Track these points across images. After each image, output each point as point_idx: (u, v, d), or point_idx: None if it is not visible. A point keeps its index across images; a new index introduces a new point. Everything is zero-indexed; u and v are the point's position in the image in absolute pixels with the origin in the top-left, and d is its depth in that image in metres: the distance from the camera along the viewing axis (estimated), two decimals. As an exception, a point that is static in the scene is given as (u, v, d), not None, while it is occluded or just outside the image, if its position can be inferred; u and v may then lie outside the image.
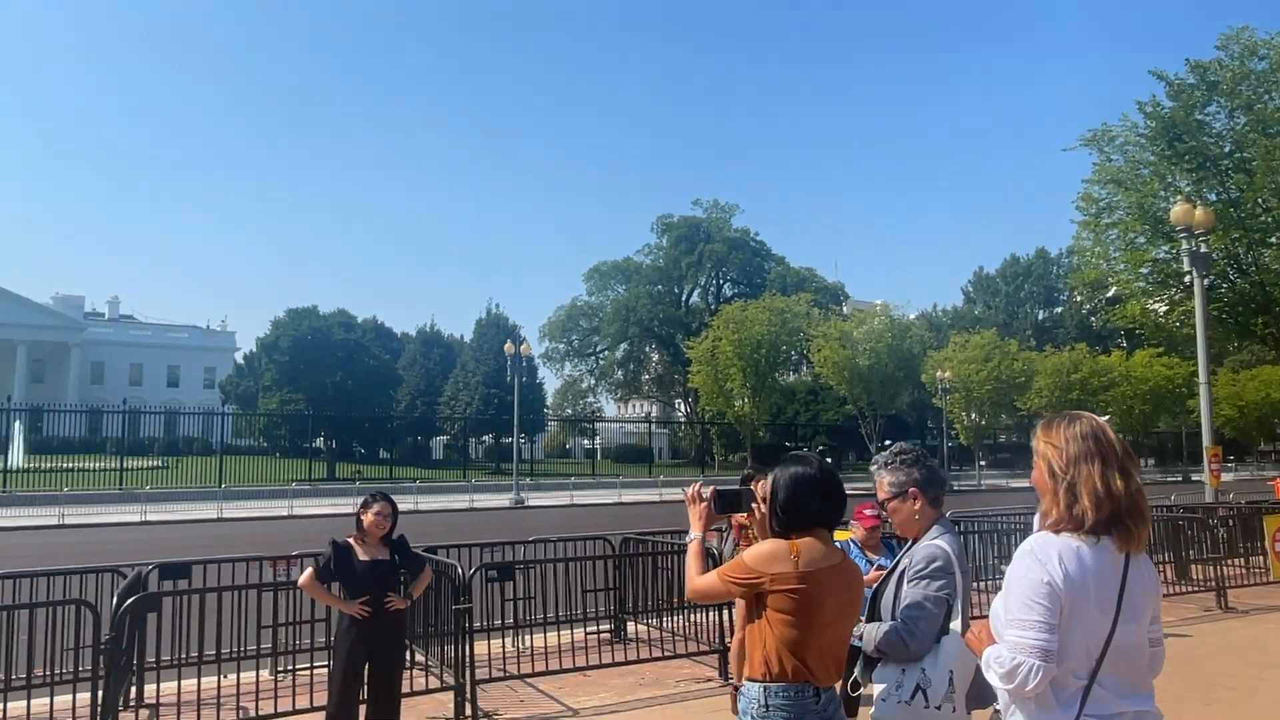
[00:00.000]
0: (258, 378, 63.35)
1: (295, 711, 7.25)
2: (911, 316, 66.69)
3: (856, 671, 3.68)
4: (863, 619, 3.54)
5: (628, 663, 9.09)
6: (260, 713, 7.22)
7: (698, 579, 3.21)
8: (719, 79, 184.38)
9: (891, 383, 57.27)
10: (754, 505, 3.44)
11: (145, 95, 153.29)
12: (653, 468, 62.58)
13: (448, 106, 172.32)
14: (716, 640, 9.31)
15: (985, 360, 58.68)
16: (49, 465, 46.00)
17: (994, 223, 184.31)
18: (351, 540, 6.08)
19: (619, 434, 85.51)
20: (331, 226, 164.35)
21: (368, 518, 6.08)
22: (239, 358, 78.35)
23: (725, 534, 7.98)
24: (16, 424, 51.94)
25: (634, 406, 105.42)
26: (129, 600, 6.82)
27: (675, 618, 10.30)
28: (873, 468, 3.78)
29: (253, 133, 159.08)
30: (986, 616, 2.70)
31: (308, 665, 8.36)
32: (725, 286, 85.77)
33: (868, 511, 6.57)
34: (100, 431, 57.71)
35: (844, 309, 77.59)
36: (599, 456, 70.45)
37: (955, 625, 3.47)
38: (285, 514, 33.33)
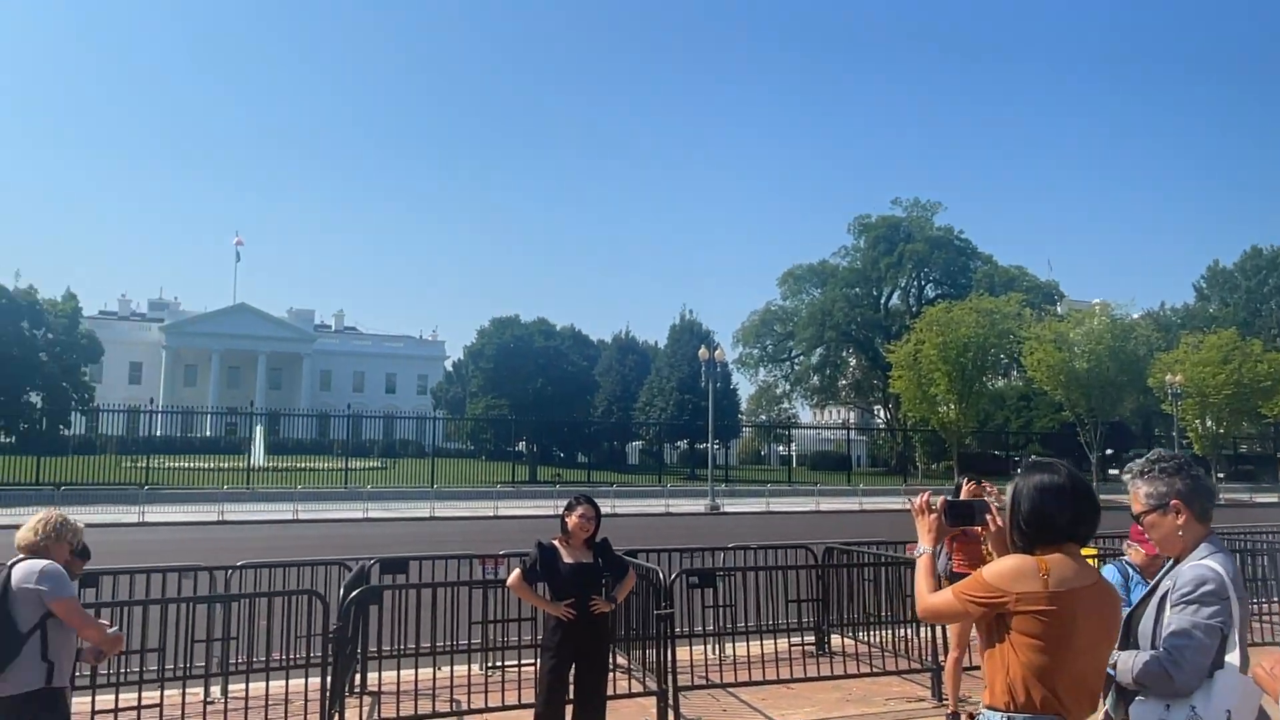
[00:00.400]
0: (465, 384, 66.84)
1: (504, 707, 7.43)
2: (1135, 316, 61.49)
3: (1108, 705, 3.29)
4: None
5: (833, 677, 8.76)
6: (471, 706, 7.46)
7: (930, 597, 2.95)
8: (918, 74, 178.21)
9: (1113, 388, 53.10)
10: (989, 517, 3.14)
11: (364, 124, 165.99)
12: (851, 476, 60.97)
13: (641, 114, 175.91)
14: (929, 658, 8.83)
15: (1224, 362, 53.39)
16: (284, 465, 50.43)
17: (1230, 211, 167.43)
18: (556, 542, 6.14)
19: (815, 441, 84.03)
20: (532, 238, 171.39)
21: (572, 520, 6.11)
22: (448, 365, 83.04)
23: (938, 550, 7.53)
24: (258, 427, 57.36)
25: (830, 413, 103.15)
26: (354, 592, 7.19)
27: (882, 632, 9.86)
28: (1126, 477, 3.37)
29: (459, 151, 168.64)
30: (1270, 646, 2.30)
31: (515, 663, 8.57)
32: (927, 288, 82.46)
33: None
34: (328, 434, 62.79)
35: (1059, 309, 72.77)
36: (794, 463, 69.45)
37: (1232, 658, 3.03)
38: (491, 514, 34.80)
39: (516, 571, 6.13)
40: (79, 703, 5.95)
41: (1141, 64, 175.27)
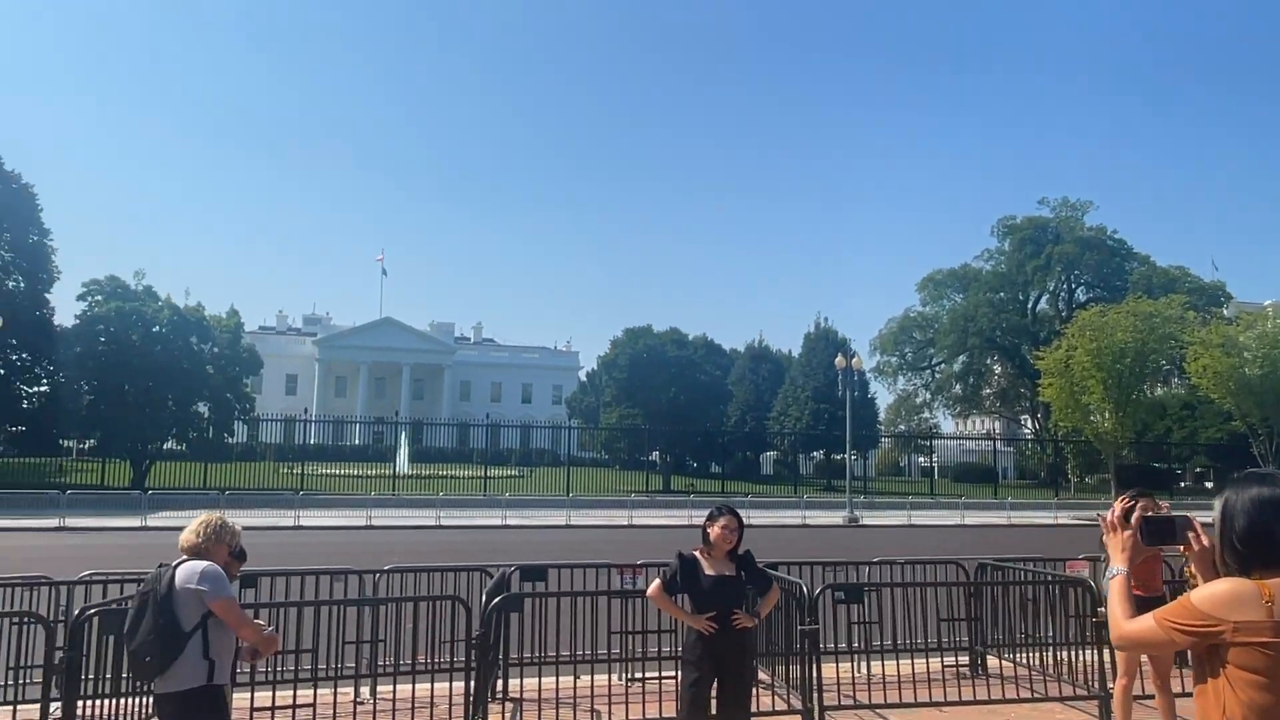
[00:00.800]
0: (599, 394, 67.65)
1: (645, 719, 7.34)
2: (1316, 317, 56.57)
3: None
4: None
5: (989, 701, 8.27)
6: (612, 717, 7.40)
7: (1128, 623, 2.62)
8: (1061, 68, 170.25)
9: (1293, 395, 48.93)
10: (1191, 535, 2.79)
11: (501, 139, 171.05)
12: (999, 489, 58.39)
13: (773, 120, 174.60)
14: (1095, 684, 8.22)
15: None
16: (427, 472, 52.25)
17: None
18: (698, 553, 5.98)
19: (957, 452, 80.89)
20: (663, 247, 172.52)
21: (714, 531, 5.94)
22: (582, 375, 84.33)
23: (1101, 563, 7.00)
24: (402, 436, 59.71)
25: (973, 423, 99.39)
26: (496, 599, 7.23)
27: (1042, 654, 9.27)
28: None
29: (592, 162, 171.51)
30: None
31: (656, 675, 8.46)
32: (1078, 291, 78.41)
33: None
34: (467, 443, 64.74)
35: (1225, 311, 67.79)
36: (936, 475, 67.11)
37: None
38: (625, 523, 34.97)
39: (656, 582, 5.99)
40: (238, 699, 6.18)
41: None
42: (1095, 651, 8.21)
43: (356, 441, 68.67)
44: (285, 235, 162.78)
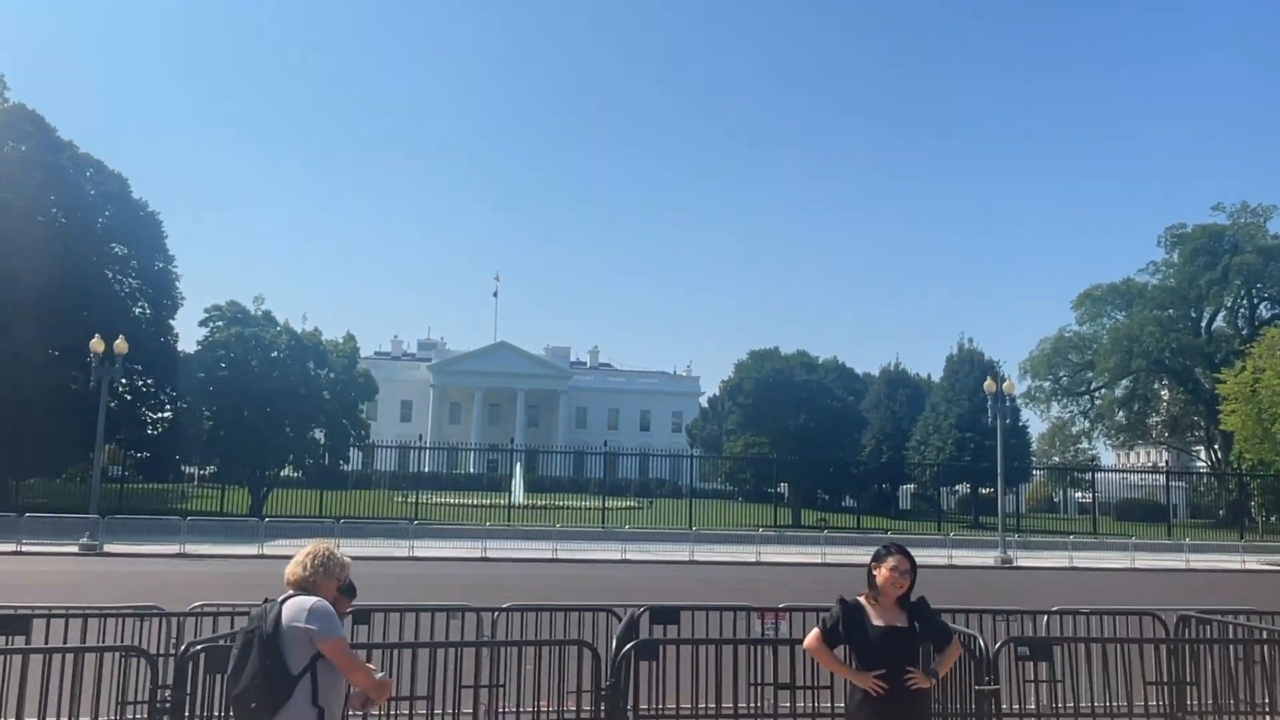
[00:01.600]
0: (721, 421, 66.97)
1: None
2: None
3: None
4: None
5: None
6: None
7: None
8: (1226, 66, 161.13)
9: None
10: None
11: (615, 161, 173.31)
12: (1172, 528, 54.82)
13: (908, 135, 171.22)
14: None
15: None
16: (542, 502, 52.64)
17: None
18: (863, 599, 5.42)
19: (1119, 486, 76.48)
20: (790, 266, 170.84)
21: (882, 574, 5.37)
22: (703, 401, 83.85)
23: None
24: (517, 464, 60.51)
25: (1138, 455, 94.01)
26: (627, 646, 6.82)
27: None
28: None
29: (712, 181, 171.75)
30: None
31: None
32: (1261, 307, 73.28)
33: None
34: (583, 472, 65.12)
35: None
36: (1096, 512, 63.57)
37: None
38: (753, 560, 34.19)
39: (815, 632, 5.43)
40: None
41: None
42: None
43: (471, 470, 70.00)
44: (399, 261, 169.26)
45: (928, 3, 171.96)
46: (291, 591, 4.70)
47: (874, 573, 5.41)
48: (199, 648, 5.85)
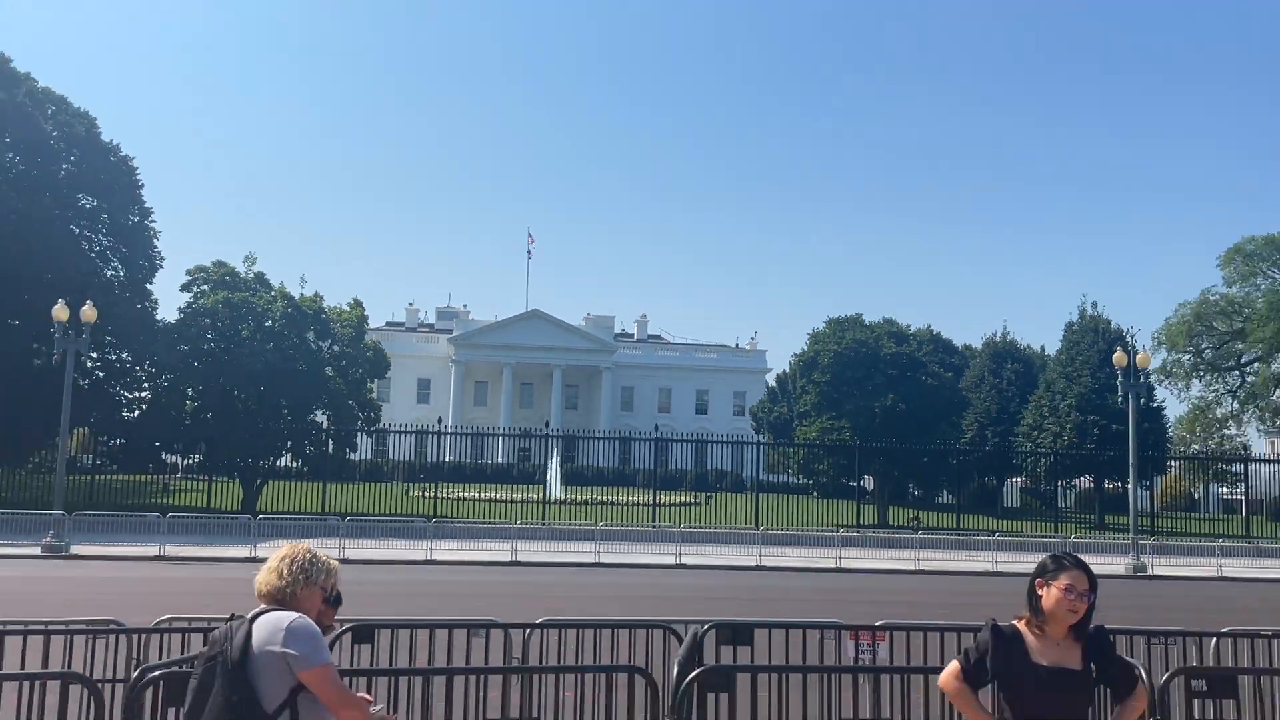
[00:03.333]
0: (792, 402, 66.46)
1: None
2: None
3: None
4: None
5: None
6: None
7: None
8: None
9: None
10: None
11: (661, 111, 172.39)
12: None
13: (1018, 90, 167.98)
14: None
15: None
16: (583, 497, 52.65)
17: None
18: (1022, 627, 4.75)
19: (1276, 480, 74.66)
20: (871, 222, 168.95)
21: (1051, 594, 4.65)
22: (770, 379, 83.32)
23: None
24: (554, 454, 60.57)
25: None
26: (693, 673, 6.41)
27: None
28: None
29: (777, 125, 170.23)
30: None
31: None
32: None
33: None
34: (630, 462, 65.07)
35: None
36: (1246, 510, 62.14)
37: None
38: (832, 565, 33.85)
39: (954, 667, 4.82)
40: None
41: None
42: None
43: (499, 459, 70.34)
44: (415, 217, 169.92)
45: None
46: (264, 606, 4.38)
47: (1039, 592, 4.69)
48: (156, 673, 5.56)
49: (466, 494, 53.13)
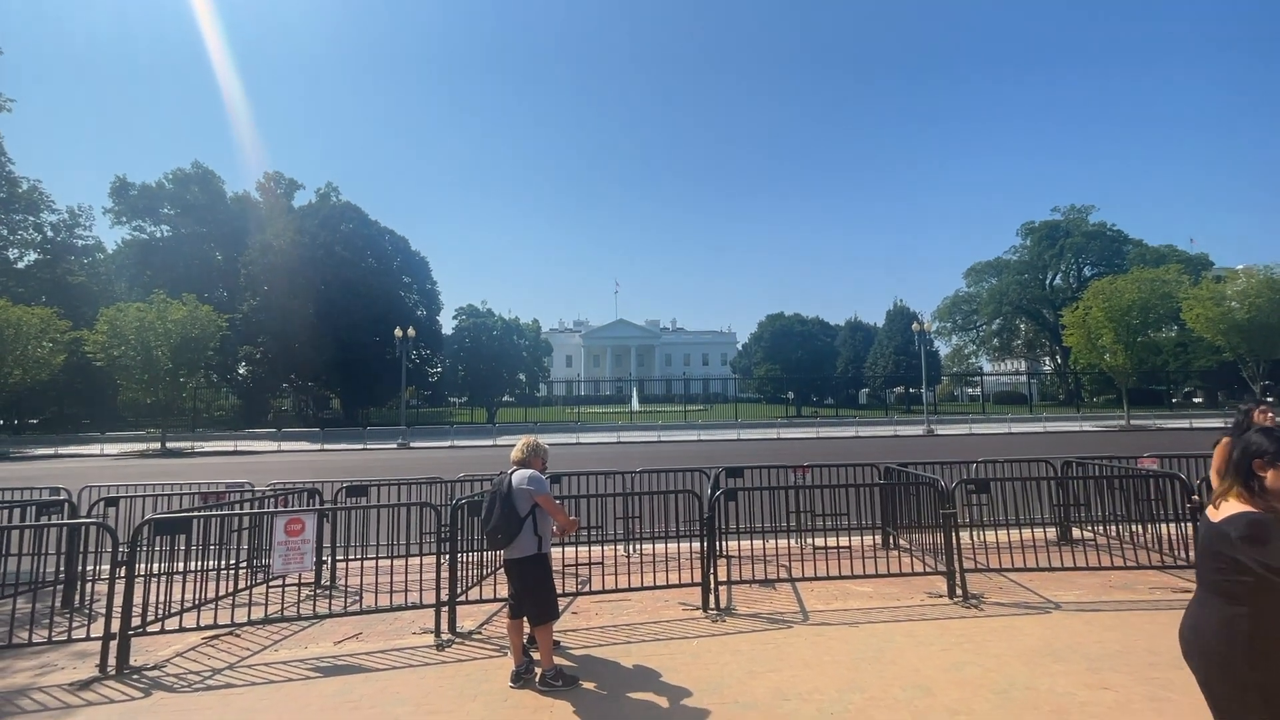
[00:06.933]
0: (750, 357, 65.43)
1: (819, 578, 6.28)
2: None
3: None
4: None
5: (1099, 568, 6.55)
6: (793, 573, 6.38)
7: None
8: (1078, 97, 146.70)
9: (1274, 332, 39.42)
10: None
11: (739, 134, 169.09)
12: (1033, 407, 51.41)
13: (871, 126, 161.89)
14: (1183, 555, 6.33)
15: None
16: (648, 409, 52.43)
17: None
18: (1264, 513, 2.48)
19: (995, 384, 72.19)
20: (785, 254, 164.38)
21: (1272, 477, 2.43)
22: (739, 346, 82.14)
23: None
24: (634, 390, 60.51)
25: (1006, 364, 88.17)
26: (718, 492, 6.38)
27: (1119, 528, 7.34)
28: None
29: (742, 184, 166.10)
30: None
31: (823, 545, 7.32)
32: (1085, 269, 67.37)
33: None
34: (670, 391, 64.71)
35: (1210, 274, 55.89)
36: (982, 399, 60.15)
37: None
38: (775, 437, 33.29)
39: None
40: (555, 556, 5.68)
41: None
42: (1177, 526, 6.31)
43: (607, 393, 70.32)
44: (556, 272, 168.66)
45: None
46: (515, 466, 4.46)
47: (1260, 473, 2.43)
48: (463, 501, 5.66)
49: (593, 410, 53.27)
